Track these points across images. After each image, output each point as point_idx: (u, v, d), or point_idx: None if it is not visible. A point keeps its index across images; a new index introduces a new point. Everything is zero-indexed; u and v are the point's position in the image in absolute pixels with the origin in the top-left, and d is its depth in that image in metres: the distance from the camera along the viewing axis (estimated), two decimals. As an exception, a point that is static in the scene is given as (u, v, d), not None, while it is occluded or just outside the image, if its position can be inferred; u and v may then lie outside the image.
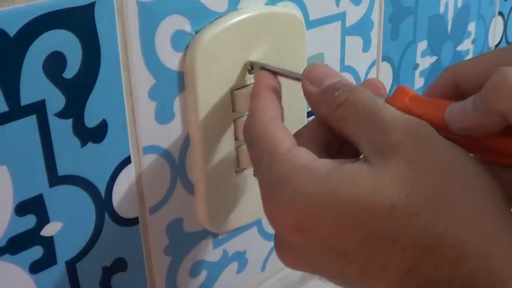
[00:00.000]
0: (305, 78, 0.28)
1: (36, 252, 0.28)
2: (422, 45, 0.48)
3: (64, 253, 0.29)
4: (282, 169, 0.25)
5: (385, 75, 0.45)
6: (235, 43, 0.33)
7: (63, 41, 0.26)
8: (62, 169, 0.28)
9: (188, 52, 0.31)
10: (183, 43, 0.31)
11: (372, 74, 0.44)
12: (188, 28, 0.31)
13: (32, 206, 0.27)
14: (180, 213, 0.34)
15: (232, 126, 0.34)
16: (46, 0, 0.25)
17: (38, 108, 0.26)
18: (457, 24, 0.50)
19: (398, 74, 0.47)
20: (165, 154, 0.32)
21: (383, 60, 0.45)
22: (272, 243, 0.41)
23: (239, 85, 0.34)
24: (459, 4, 0.50)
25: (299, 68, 0.37)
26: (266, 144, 0.26)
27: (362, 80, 0.43)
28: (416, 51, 0.47)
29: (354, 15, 0.40)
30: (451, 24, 0.50)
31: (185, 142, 0.33)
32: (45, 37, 0.26)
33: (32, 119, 0.26)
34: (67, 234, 0.29)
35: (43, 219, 0.28)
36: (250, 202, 0.37)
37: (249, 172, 0.36)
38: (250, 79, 0.34)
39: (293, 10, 0.35)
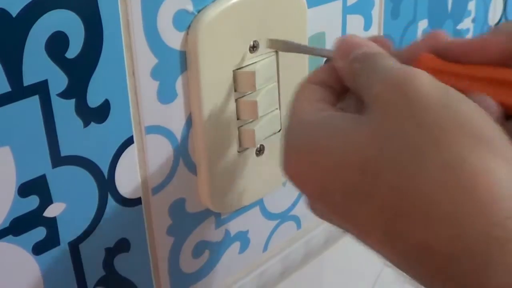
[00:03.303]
0: (335, 56, 0.27)
1: (39, 233, 0.28)
2: (423, 24, 0.47)
3: (67, 234, 0.29)
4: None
5: (385, 54, 0.45)
6: (237, 22, 0.32)
7: (65, 21, 0.26)
8: (65, 150, 0.28)
9: (190, 32, 0.31)
10: (186, 22, 0.31)
11: (373, 53, 0.44)
12: (190, 7, 0.30)
13: (35, 187, 0.27)
14: (182, 193, 0.34)
15: (234, 106, 0.34)
16: (47, -21, 0.25)
17: (41, 88, 0.26)
18: (457, 3, 0.50)
19: (399, 53, 0.46)
20: (168, 134, 0.32)
21: (384, 39, 0.44)
22: (274, 223, 0.41)
23: (241, 65, 0.34)
24: (460, -18, 0.49)
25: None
26: None
27: (362, 59, 0.43)
28: (416, 30, 0.47)
29: (355, -7, 0.40)
30: (451, 3, 0.49)
31: (188, 122, 0.33)
32: (47, 17, 0.25)
33: (35, 99, 0.26)
34: (70, 215, 0.29)
35: (46, 200, 0.28)
36: (253, 182, 0.37)
37: (251, 152, 0.36)
38: (251, 58, 0.34)
39: (295, -11, 0.35)
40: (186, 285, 0.36)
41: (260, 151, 0.37)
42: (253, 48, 0.34)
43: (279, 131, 0.37)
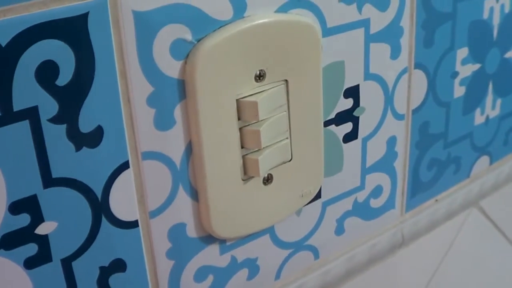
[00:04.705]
0: None
1: (31, 249, 0.29)
2: (462, 52, 0.45)
3: (59, 252, 0.30)
4: None
5: (418, 83, 0.44)
6: (239, 52, 0.32)
7: (55, 50, 0.27)
8: (57, 172, 0.29)
9: (188, 61, 0.31)
10: (184, 51, 0.31)
11: (403, 82, 0.42)
12: (189, 36, 0.31)
13: (25, 206, 0.29)
14: (183, 218, 0.34)
15: (238, 135, 0.34)
16: (37, 11, 0.26)
17: (31, 114, 0.27)
18: (504, 29, 0.47)
19: (434, 82, 0.45)
20: (166, 160, 0.33)
21: (415, 67, 0.43)
22: (287, 252, 0.40)
23: (245, 94, 0.34)
24: (507, 9, 0.46)
25: (314, 77, 0.36)
26: None
27: (390, 87, 0.42)
28: (455, 59, 0.45)
29: (379, 21, 0.39)
30: (497, 29, 0.47)
31: (188, 149, 0.33)
32: (37, 46, 0.27)
33: (25, 124, 0.27)
34: (63, 233, 0.30)
35: (38, 218, 0.29)
36: (259, 211, 0.37)
37: (258, 180, 0.36)
38: (257, 87, 0.34)
39: (306, 18, 0.35)
40: (188, 308, 0.37)
41: (268, 180, 0.37)
42: (259, 77, 0.34)
43: (290, 160, 0.37)
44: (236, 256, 0.38)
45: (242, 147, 0.35)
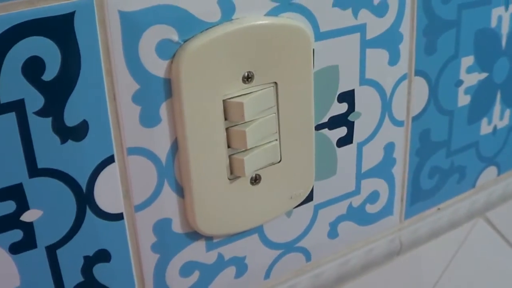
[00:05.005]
0: None
1: (16, 235, 0.31)
2: (468, 60, 0.45)
3: (44, 239, 0.32)
4: None
5: (419, 90, 0.43)
6: (226, 53, 0.33)
7: (41, 47, 0.29)
8: (42, 162, 0.30)
9: (174, 61, 0.32)
10: (171, 51, 0.32)
11: (403, 89, 0.42)
12: (175, 37, 0.32)
13: (11, 193, 0.30)
14: (168, 214, 0.35)
15: (224, 135, 0.35)
16: (25, 9, 0.28)
17: (17, 106, 0.29)
18: (513, 39, 0.46)
19: (436, 90, 0.44)
20: (151, 156, 0.34)
21: (416, 74, 0.43)
22: (276, 252, 0.41)
23: (233, 95, 0.34)
24: (515, 18, 0.46)
25: (304, 81, 0.37)
26: None
27: (388, 93, 0.42)
28: (459, 67, 0.45)
29: (376, 27, 0.39)
30: (506, 37, 0.46)
31: (173, 146, 0.34)
32: (24, 43, 0.28)
33: (12, 116, 0.29)
34: (47, 221, 0.31)
35: (23, 206, 0.31)
36: (247, 210, 0.38)
37: (245, 180, 0.37)
38: (246, 89, 0.35)
39: (297, 21, 0.35)
40: (174, 301, 0.38)
41: (256, 180, 0.37)
42: (247, 79, 0.35)
43: (279, 162, 0.38)
44: (223, 253, 0.39)
45: (229, 147, 0.35)
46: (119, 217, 0.34)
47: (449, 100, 0.45)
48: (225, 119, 0.35)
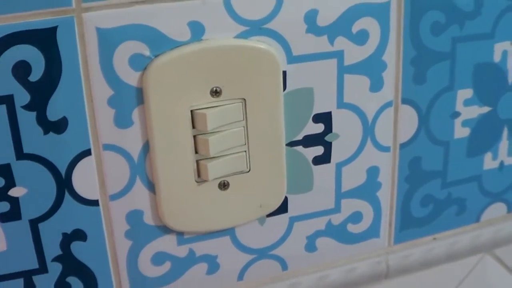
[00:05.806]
0: None
1: (4, 206, 0.37)
2: (465, 93, 0.45)
3: (28, 213, 0.38)
4: None
5: (407, 118, 0.44)
6: (193, 69, 0.38)
7: (28, 53, 0.35)
8: (27, 148, 0.37)
9: (145, 72, 0.37)
10: (143, 64, 0.37)
11: (387, 115, 0.44)
12: (146, 52, 0.37)
13: (1, 171, 0.37)
14: (140, 206, 0.40)
15: (191, 141, 0.39)
16: (16, 22, 0.34)
17: (7, 100, 0.36)
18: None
19: (427, 119, 0.45)
20: (124, 154, 0.39)
21: (403, 102, 0.44)
22: (249, 256, 0.44)
23: (201, 106, 0.39)
24: (519, 53, 0.45)
25: (273, 100, 0.40)
26: None
27: (369, 119, 0.43)
28: (455, 99, 0.45)
29: (355, 54, 0.41)
30: None
31: (145, 146, 0.39)
32: (14, 49, 0.35)
33: (3, 107, 0.36)
34: (31, 198, 0.38)
35: (10, 183, 0.37)
36: (215, 212, 0.41)
37: (213, 184, 0.41)
38: (214, 102, 0.39)
39: (264, 44, 0.39)
40: (146, 286, 0.42)
41: (224, 186, 0.41)
42: (215, 93, 0.39)
43: (248, 171, 0.41)
44: (194, 249, 0.43)
45: (197, 153, 0.40)
46: (95, 203, 0.39)
47: (443, 130, 0.45)
48: (194, 127, 0.39)
